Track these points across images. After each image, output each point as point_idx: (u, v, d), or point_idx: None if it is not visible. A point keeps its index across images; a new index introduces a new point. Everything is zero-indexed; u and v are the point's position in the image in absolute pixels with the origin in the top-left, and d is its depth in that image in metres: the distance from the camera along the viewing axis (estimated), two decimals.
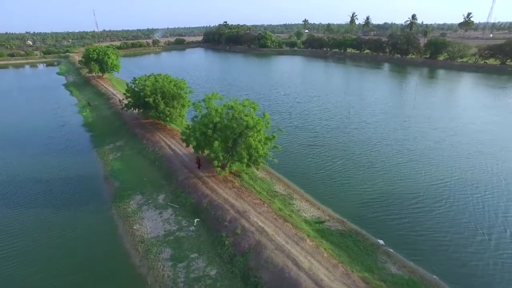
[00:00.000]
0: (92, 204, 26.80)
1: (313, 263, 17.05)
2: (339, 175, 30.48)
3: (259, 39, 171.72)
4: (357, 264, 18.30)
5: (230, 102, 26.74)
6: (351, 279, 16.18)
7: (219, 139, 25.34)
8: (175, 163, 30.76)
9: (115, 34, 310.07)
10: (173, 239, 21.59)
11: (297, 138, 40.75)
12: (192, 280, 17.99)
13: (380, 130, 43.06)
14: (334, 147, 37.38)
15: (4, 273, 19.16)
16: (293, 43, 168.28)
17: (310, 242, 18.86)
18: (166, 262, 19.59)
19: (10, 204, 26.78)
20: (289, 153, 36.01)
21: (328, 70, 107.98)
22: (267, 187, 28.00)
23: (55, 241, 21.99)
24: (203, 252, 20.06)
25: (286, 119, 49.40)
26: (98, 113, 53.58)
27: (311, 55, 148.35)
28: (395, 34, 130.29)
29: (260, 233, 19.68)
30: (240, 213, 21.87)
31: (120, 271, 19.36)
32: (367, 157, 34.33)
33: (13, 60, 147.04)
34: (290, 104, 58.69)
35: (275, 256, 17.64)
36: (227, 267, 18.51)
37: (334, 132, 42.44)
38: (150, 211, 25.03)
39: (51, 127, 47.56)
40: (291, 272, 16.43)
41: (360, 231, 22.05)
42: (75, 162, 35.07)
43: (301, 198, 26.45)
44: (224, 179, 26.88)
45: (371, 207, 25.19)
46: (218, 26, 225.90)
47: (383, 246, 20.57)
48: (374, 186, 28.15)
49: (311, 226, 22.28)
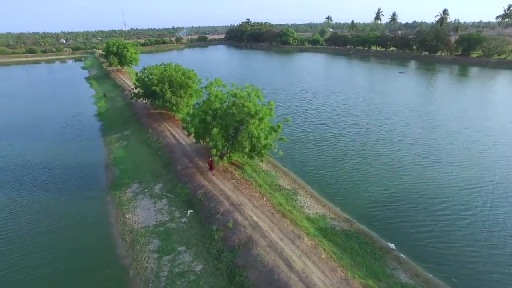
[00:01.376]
0: (90, 191, 26.09)
1: (308, 264, 14.94)
2: (352, 173, 27.74)
3: (281, 36, 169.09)
4: (361, 269, 15.95)
5: (234, 89, 24.97)
6: (350, 286, 13.92)
7: (218, 127, 23.69)
8: (176, 152, 29.53)
9: (142, 33, 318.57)
10: (163, 230, 20.21)
11: (311, 133, 38.33)
12: (175, 275, 16.45)
13: (403, 128, 39.53)
14: (350, 144, 34.53)
15: None
16: (316, 41, 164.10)
17: (308, 241, 16.73)
18: (152, 254, 18.21)
19: (14, 188, 26.65)
20: (301, 148, 33.75)
21: (351, 67, 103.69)
22: (271, 180, 26.04)
23: (42, 228, 21.13)
24: (191, 246, 18.49)
25: (302, 113, 47.01)
26: (112, 104, 53.86)
27: (333, 52, 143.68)
28: (423, 31, 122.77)
29: (253, 228, 17.80)
30: (234, 206, 20.10)
31: (103, 261, 18.16)
32: (386, 156, 31.25)
33: (45, 56, 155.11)
34: (308, 99, 56.10)
35: (266, 254, 15.70)
36: (214, 263, 16.81)
37: (352, 129, 39.49)
38: (144, 200, 23.87)
39: (66, 117, 48.17)
40: (281, 273, 14.43)
41: (369, 233, 19.59)
42: (82, 150, 34.82)
43: (306, 194, 24.27)
44: (224, 170, 25.23)
45: (386, 210, 22.38)
46: (241, 24, 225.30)
47: (394, 251, 18.04)
48: (392, 188, 25.14)
49: (313, 223, 20.09)
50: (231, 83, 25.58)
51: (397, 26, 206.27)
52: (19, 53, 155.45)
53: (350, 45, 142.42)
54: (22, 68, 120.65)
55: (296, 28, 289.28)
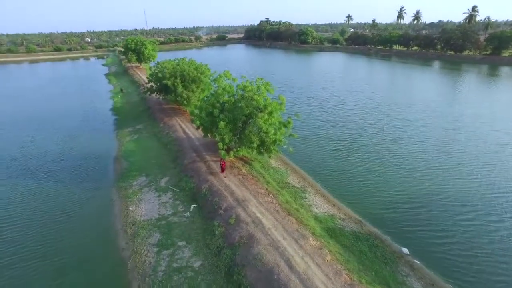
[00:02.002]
0: (97, 182, 26.15)
1: (311, 266, 13.90)
2: (367, 174, 26.15)
3: (300, 35, 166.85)
4: (369, 273, 14.73)
5: (243, 82, 24.18)
6: None
7: (226, 120, 22.98)
8: (185, 146, 29.12)
9: (163, 32, 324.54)
10: (165, 223, 19.73)
11: (326, 132, 36.87)
12: (173, 270, 15.87)
13: (426, 129, 37.19)
14: (367, 144, 32.77)
15: None
16: (335, 40, 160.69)
17: (313, 241, 15.66)
18: (152, 248, 17.74)
19: (27, 176, 27.17)
20: (314, 146, 32.45)
21: (371, 67, 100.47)
22: (280, 177, 25.08)
23: (48, 218, 21.11)
24: (191, 241, 17.88)
25: (317, 112, 45.51)
26: (128, 99, 54.54)
27: (353, 52, 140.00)
28: (449, 29, 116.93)
29: (256, 225, 16.93)
30: (238, 202, 19.31)
31: (103, 253, 17.87)
32: (405, 157, 29.33)
33: (70, 54, 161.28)
34: (325, 98, 54.36)
35: (266, 253, 14.79)
36: (213, 260, 16.09)
37: (369, 129, 37.61)
38: (150, 193, 23.55)
39: (83, 111, 49.28)
40: (281, 274, 13.48)
41: (380, 236, 18.28)
42: (95, 143, 35.19)
43: (315, 193, 23.14)
44: (231, 165, 24.49)
45: (402, 213, 20.80)
46: (260, 23, 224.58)
47: (407, 256, 16.65)
48: (409, 191, 23.42)
49: (321, 223, 18.97)
50: (240, 76, 24.75)
51: (421, 26, 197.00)
52: (47, 51, 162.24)
53: (371, 45, 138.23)
54: (49, 65, 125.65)
55: (316, 28, 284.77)
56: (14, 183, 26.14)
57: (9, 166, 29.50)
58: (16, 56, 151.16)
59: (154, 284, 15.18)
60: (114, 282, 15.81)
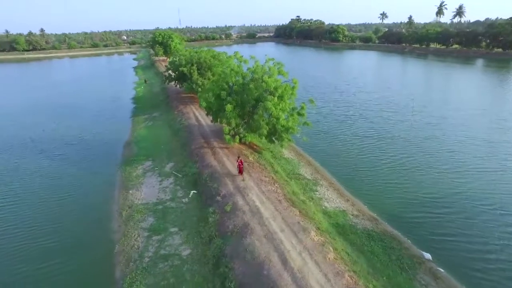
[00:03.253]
0: (105, 165, 25.76)
1: (308, 263, 11.87)
2: (392, 172, 23.08)
3: (331, 33, 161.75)
4: (379, 278, 12.40)
5: (255, 65, 22.49)
6: None
7: (233, 103, 21.43)
8: (195, 133, 28.00)
9: (195, 30, 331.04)
10: (162, 208, 18.57)
11: (350, 127, 33.96)
12: (159, 257, 14.56)
13: (465, 127, 32.76)
14: (395, 141, 29.43)
15: None
16: (368, 38, 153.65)
17: (316, 236, 13.59)
18: (143, 232, 16.61)
19: (41, 157, 27.48)
20: (336, 141, 29.71)
21: (404, 64, 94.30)
22: (290, 168, 23.08)
23: (51, 198, 20.77)
24: (184, 227, 16.51)
25: (342, 106, 42.56)
26: (150, 89, 54.97)
27: (386, 50, 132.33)
28: (497, 24, 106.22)
29: (253, 215, 15.16)
30: (238, 189, 17.64)
31: (93, 234, 17.01)
32: (438, 157, 25.60)
33: (106, 50, 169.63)
34: (352, 93, 50.93)
35: (259, 245, 12.97)
36: (202, 249, 14.56)
37: (399, 126, 33.97)
38: (152, 177, 22.60)
39: (107, 99, 50.37)
40: (271, 269, 11.60)
41: (398, 236, 15.74)
42: (110, 129, 35.31)
43: (328, 186, 20.88)
44: (239, 152, 22.86)
45: (429, 218, 17.67)
46: (290, 21, 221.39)
47: (429, 262, 14.03)
48: (440, 193, 20.03)
49: (330, 218, 16.77)
50: (250, 56, 22.98)
51: (464, 25, 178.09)
52: (85, 47, 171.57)
53: (406, 43, 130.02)
54: (86, 60, 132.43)
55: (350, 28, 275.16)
56: (26, 162, 26.44)
57: (27, 147, 30.15)
58: (59, 52, 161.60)
59: (138, 270, 13.94)
60: (98, 265, 14.79)
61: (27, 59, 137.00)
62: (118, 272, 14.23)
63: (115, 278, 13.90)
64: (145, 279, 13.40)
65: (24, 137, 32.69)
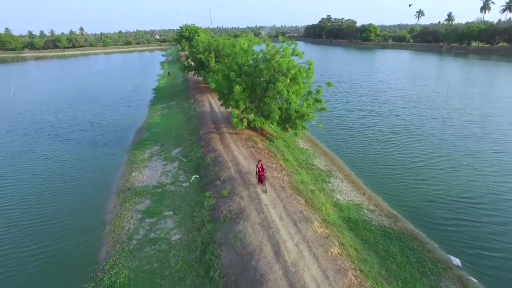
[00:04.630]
0: (115, 149, 25.45)
1: (305, 256, 10.06)
2: (421, 171, 20.18)
3: (362, 32, 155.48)
4: (393, 281, 10.31)
5: (268, 46, 20.88)
6: None
7: (243, 85, 19.93)
8: (206, 119, 26.92)
9: (226, 30, 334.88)
10: (160, 192, 17.54)
11: (376, 122, 30.90)
12: (147, 241, 13.42)
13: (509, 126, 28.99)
14: (426, 138, 26.09)
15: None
16: (401, 37, 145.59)
17: (319, 228, 11.71)
18: (137, 214, 15.62)
19: (57, 140, 27.75)
20: (359, 136, 27.03)
21: (441, 63, 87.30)
22: (304, 158, 21.18)
23: (56, 178, 20.53)
24: (179, 212, 15.29)
25: (369, 102, 39.39)
26: (172, 81, 55.12)
27: (421, 49, 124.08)
28: None
29: (251, 200, 13.56)
30: (241, 173, 16.12)
31: (86, 214, 16.26)
32: (477, 156, 22.15)
33: (138, 47, 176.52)
34: (381, 89, 47.30)
35: (252, 233, 11.35)
36: (193, 235, 13.20)
37: (433, 123, 30.34)
38: (157, 161, 21.73)
39: (128, 90, 50.99)
40: (261, 260, 9.95)
41: (420, 237, 13.43)
42: (126, 116, 35.38)
43: (344, 178, 18.77)
44: (248, 138, 21.37)
45: (462, 221, 14.92)
46: (321, 20, 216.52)
47: (458, 269, 11.64)
48: (479, 197, 16.79)
49: (341, 211, 14.77)
50: (263, 39, 21.24)
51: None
52: (119, 44, 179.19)
53: (443, 42, 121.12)
54: (119, 56, 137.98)
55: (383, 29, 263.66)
56: (39, 145, 26.66)
57: (43, 131, 30.57)
58: (95, 49, 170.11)
59: (123, 252, 12.88)
60: (85, 245, 13.93)
61: (67, 56, 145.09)
62: (103, 253, 13.28)
63: (99, 259, 12.93)
64: (129, 262, 12.30)
65: (45, 122, 33.46)
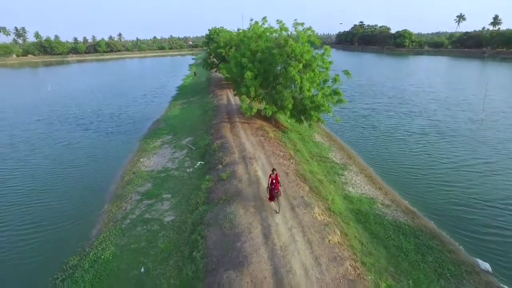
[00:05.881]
0: (130, 137, 25.74)
1: (298, 241, 8.87)
2: (452, 173, 17.76)
3: (395, 38, 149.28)
4: (402, 279, 8.80)
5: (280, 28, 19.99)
6: None
7: (254, 71, 19.15)
8: (221, 111, 26.44)
9: None
10: (164, 176, 17.11)
11: (404, 123, 28.28)
12: (140, 221, 12.90)
13: None
14: (461, 140, 23.54)
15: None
16: (439, 43, 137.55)
17: (320, 216, 10.45)
18: (136, 196, 15.24)
19: (78, 129, 28.60)
20: (385, 135, 24.78)
21: (485, 68, 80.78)
22: (317, 151, 19.82)
23: (74, 159, 21.15)
24: (177, 195, 14.68)
25: (396, 104, 36.75)
26: (197, 80, 55.82)
27: (460, 55, 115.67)
28: None
29: (250, 183, 12.58)
30: (244, 159, 15.21)
31: (87, 194, 16.19)
32: None
33: (170, 52, 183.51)
34: (413, 92, 44.33)
35: (243, 214, 10.35)
36: (185, 217, 12.43)
37: (469, 125, 27.49)
38: (167, 149, 21.45)
39: (154, 87, 52.25)
40: (247, 242, 8.91)
41: (440, 235, 11.67)
42: (147, 109, 35.91)
43: (359, 172, 17.19)
44: (259, 128, 20.44)
45: (499, 228, 12.75)
46: (353, 26, 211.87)
47: (486, 274, 9.79)
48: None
49: (350, 203, 13.31)
50: (276, 21, 20.21)
51: None
52: (152, 49, 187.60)
53: (487, 47, 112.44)
54: (152, 59, 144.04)
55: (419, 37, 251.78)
56: (60, 133, 27.51)
57: (66, 121, 31.67)
58: (131, 53, 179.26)
59: (115, 230, 12.44)
60: (80, 222, 13.69)
61: (105, 59, 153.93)
62: (95, 230, 12.92)
63: (90, 236, 12.57)
64: (118, 239, 11.81)
65: (70, 113, 34.82)
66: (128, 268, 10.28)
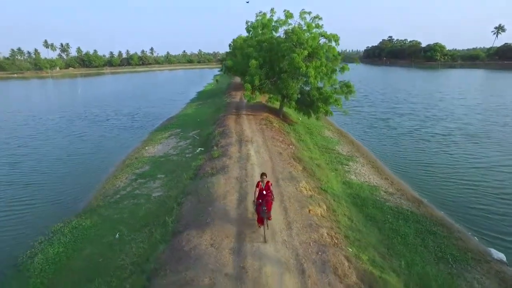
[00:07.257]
0: (141, 130, 26.36)
1: (275, 209, 8.09)
2: (478, 173, 15.41)
3: (426, 52, 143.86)
4: (395, 262, 7.69)
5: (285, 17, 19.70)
6: (326, 260, 6.37)
7: (260, 60, 18.89)
8: (231, 107, 26.35)
9: None
10: (163, 160, 17.04)
11: (428, 126, 26.00)
12: (129, 196, 12.75)
13: None
14: (489, 142, 21.36)
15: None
16: (474, 56, 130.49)
17: (306, 190, 9.63)
18: (132, 176, 15.20)
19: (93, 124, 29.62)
20: (402, 135, 22.94)
21: None
22: (324, 144, 18.88)
23: (87, 145, 21.95)
24: (170, 174, 14.40)
25: (420, 108, 34.47)
26: (218, 86, 56.68)
27: (498, 68, 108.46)
28: None
29: (239, 160, 12.02)
30: (240, 141, 14.74)
31: (89, 174, 16.39)
32: None
33: (199, 65, 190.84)
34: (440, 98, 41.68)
35: (223, 183, 9.80)
36: (172, 193, 12.03)
37: (499, 128, 25.05)
38: (173, 139, 21.49)
39: (175, 93, 53.76)
40: (220, 207, 8.31)
41: (449, 223, 10.34)
42: (164, 109, 36.60)
43: (365, 163, 16.05)
44: (264, 119, 19.94)
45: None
46: (381, 41, 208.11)
47: (499, 264, 8.37)
48: None
49: (349, 188, 12.28)
50: (283, 12, 19.84)
51: None
52: (182, 62, 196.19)
53: None
54: (181, 71, 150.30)
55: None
56: (76, 127, 28.47)
57: (86, 118, 32.78)
58: (161, 66, 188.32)
59: (103, 202, 12.40)
60: (72, 197, 13.79)
61: (137, 71, 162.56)
62: (85, 203, 12.89)
63: (79, 208, 12.53)
64: (103, 210, 11.68)
65: (91, 111, 36.28)
66: (105, 234, 10.01)
